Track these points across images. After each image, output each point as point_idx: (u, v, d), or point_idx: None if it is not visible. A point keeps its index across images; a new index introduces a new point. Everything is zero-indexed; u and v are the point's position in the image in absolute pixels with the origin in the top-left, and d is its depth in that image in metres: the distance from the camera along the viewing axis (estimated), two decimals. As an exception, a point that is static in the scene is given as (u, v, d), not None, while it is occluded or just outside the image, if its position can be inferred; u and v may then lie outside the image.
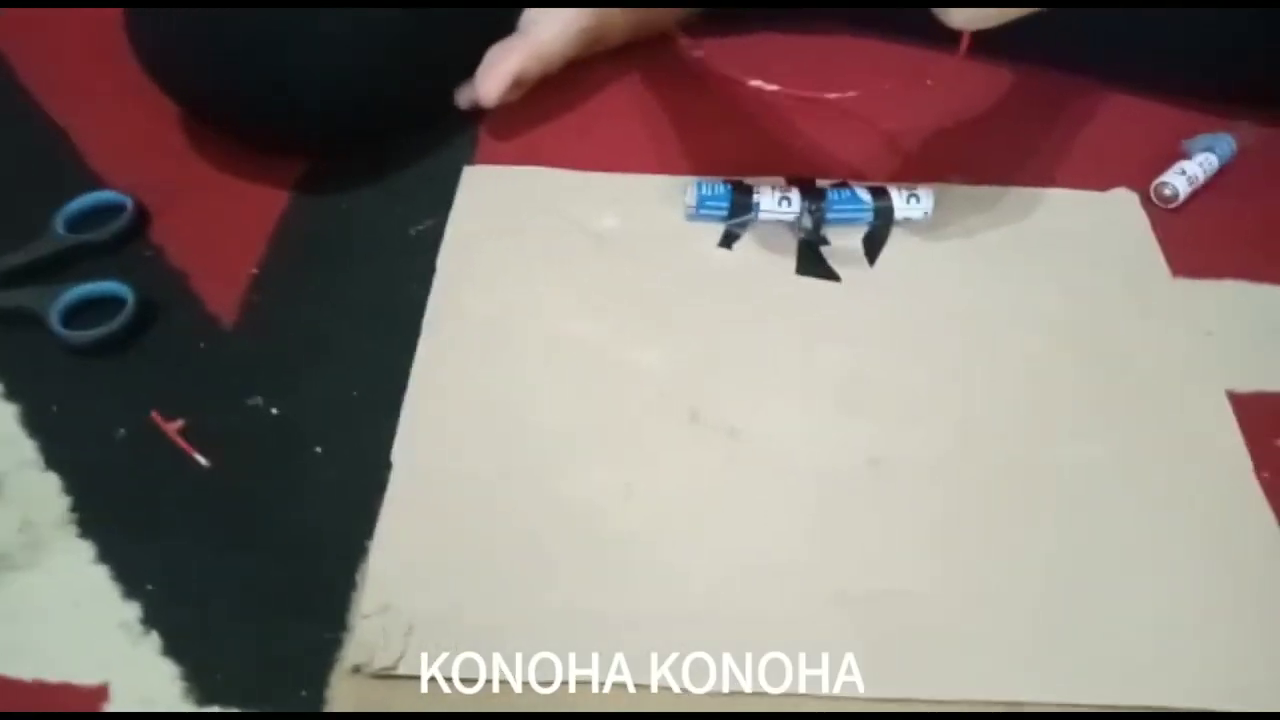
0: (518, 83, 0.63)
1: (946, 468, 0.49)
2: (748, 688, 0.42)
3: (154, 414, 0.50)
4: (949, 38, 0.49)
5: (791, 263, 0.58)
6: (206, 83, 0.57)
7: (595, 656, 0.42)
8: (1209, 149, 0.62)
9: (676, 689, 0.42)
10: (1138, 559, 0.46)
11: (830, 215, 0.59)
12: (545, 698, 0.41)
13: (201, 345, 0.53)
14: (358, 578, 0.44)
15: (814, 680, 0.42)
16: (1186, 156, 0.62)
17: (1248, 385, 0.52)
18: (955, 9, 0.47)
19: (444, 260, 0.57)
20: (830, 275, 0.57)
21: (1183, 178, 0.61)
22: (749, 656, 0.42)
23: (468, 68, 0.62)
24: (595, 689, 0.42)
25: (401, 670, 0.41)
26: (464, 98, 0.64)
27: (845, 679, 0.42)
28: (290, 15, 0.55)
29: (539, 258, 0.57)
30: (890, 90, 0.67)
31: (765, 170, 0.62)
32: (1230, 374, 0.53)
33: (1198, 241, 0.59)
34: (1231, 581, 0.45)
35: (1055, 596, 0.45)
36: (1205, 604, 0.45)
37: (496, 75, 0.62)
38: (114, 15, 0.60)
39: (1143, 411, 0.51)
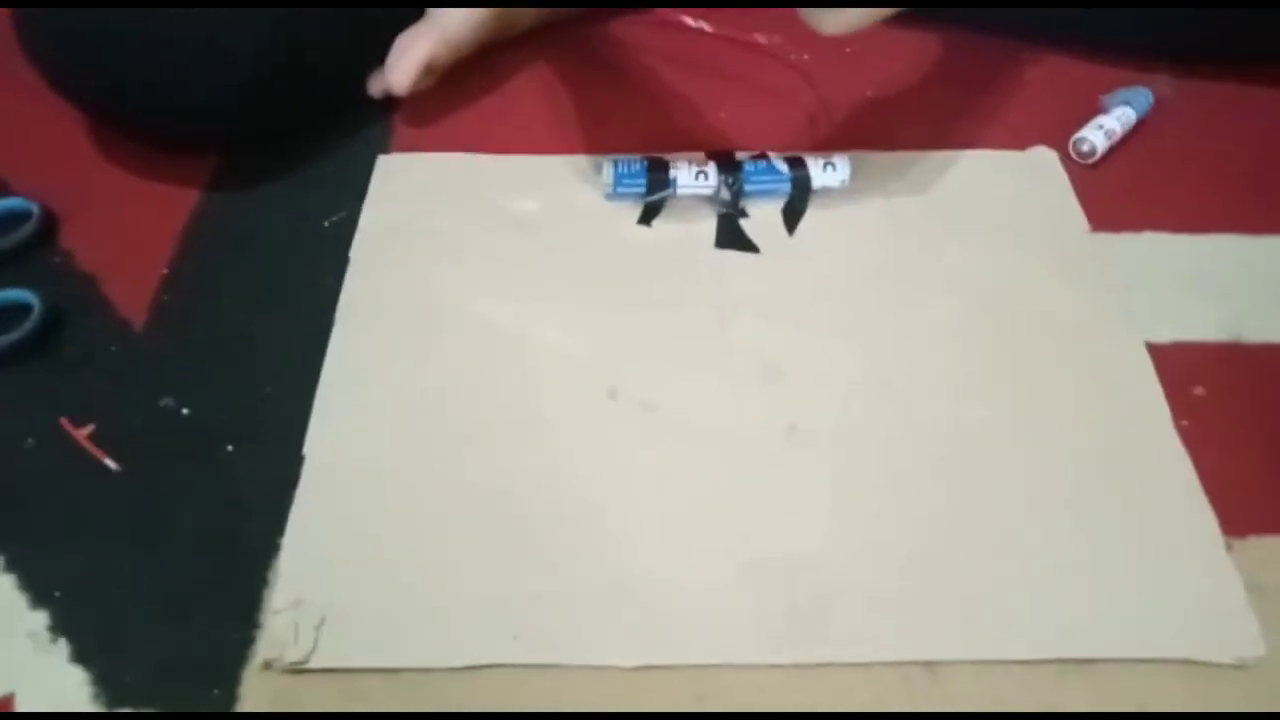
0: (430, 69, 0.62)
1: (864, 432, 0.49)
2: (669, 660, 0.42)
3: (63, 421, 0.49)
4: None
5: (711, 237, 0.57)
6: (96, 84, 0.56)
7: (513, 639, 0.42)
8: (1126, 103, 0.62)
9: (598, 665, 0.41)
10: (1057, 512, 0.46)
11: (748, 187, 0.58)
12: (464, 685, 0.41)
13: (112, 349, 0.52)
14: (270, 574, 0.44)
15: (732, 648, 0.42)
16: (1104, 111, 0.62)
17: (1166, 336, 0.53)
18: (825, 18, 0.47)
19: (357, 250, 0.56)
20: (749, 247, 0.57)
21: (1100, 133, 0.61)
22: (668, 629, 0.42)
23: (377, 56, 0.62)
24: (515, 672, 0.41)
25: (313, 664, 0.41)
26: (376, 87, 0.63)
27: (761, 646, 0.42)
28: (179, 13, 0.54)
29: (455, 244, 0.57)
30: (809, 59, 0.68)
31: (686, 146, 0.62)
32: (1149, 325, 0.53)
33: (1117, 196, 0.59)
34: (1151, 530, 0.45)
35: (977, 553, 0.45)
36: (1127, 556, 0.45)
37: (406, 63, 0.61)
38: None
39: (1062, 366, 0.51)
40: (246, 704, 0.40)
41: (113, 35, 0.54)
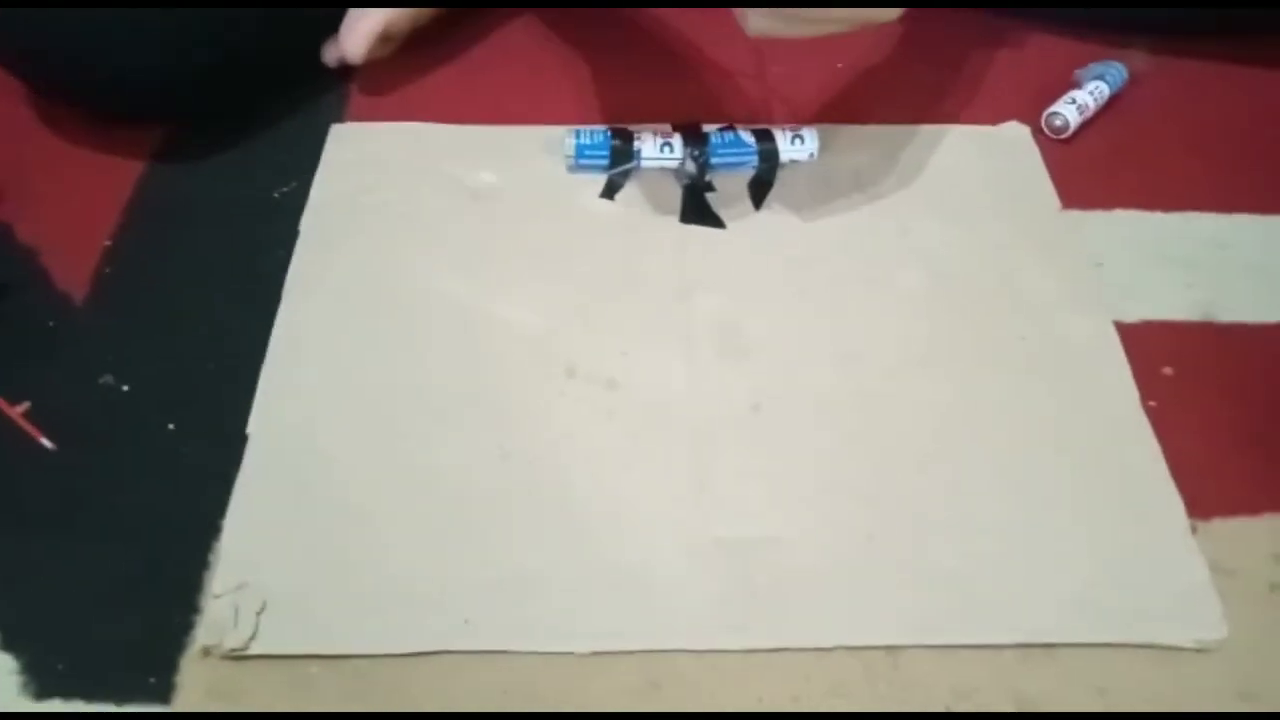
0: (386, 37, 0.60)
1: (829, 411, 0.47)
2: (624, 646, 0.40)
3: (-3, 397, 0.47)
4: None
5: (676, 210, 0.56)
6: (36, 58, 0.53)
7: (463, 625, 0.41)
8: (1099, 78, 0.61)
9: (551, 652, 0.40)
10: (1021, 494, 0.45)
11: (714, 160, 0.57)
12: (412, 673, 0.40)
13: (50, 323, 0.50)
14: (211, 557, 0.42)
15: (688, 633, 0.41)
16: (1077, 86, 0.61)
17: (1135, 315, 0.52)
18: (750, 17, 0.44)
19: (308, 223, 0.54)
20: (715, 222, 0.55)
21: (1073, 107, 0.60)
22: (623, 613, 0.41)
23: (332, 24, 0.59)
24: (464, 659, 0.40)
25: (254, 650, 0.39)
26: (330, 56, 0.61)
27: (718, 630, 0.41)
28: None
29: (410, 217, 0.55)
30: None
31: (653, 118, 0.60)
32: (1118, 304, 0.52)
33: (1089, 172, 0.58)
34: (1116, 512, 0.44)
35: (937, 536, 0.44)
36: (1090, 538, 0.44)
37: (361, 30, 0.59)
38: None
39: (1030, 344, 0.50)
40: (184, 692, 0.39)
41: (50, 7, 0.51)
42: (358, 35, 0.58)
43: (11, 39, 0.53)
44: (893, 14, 0.45)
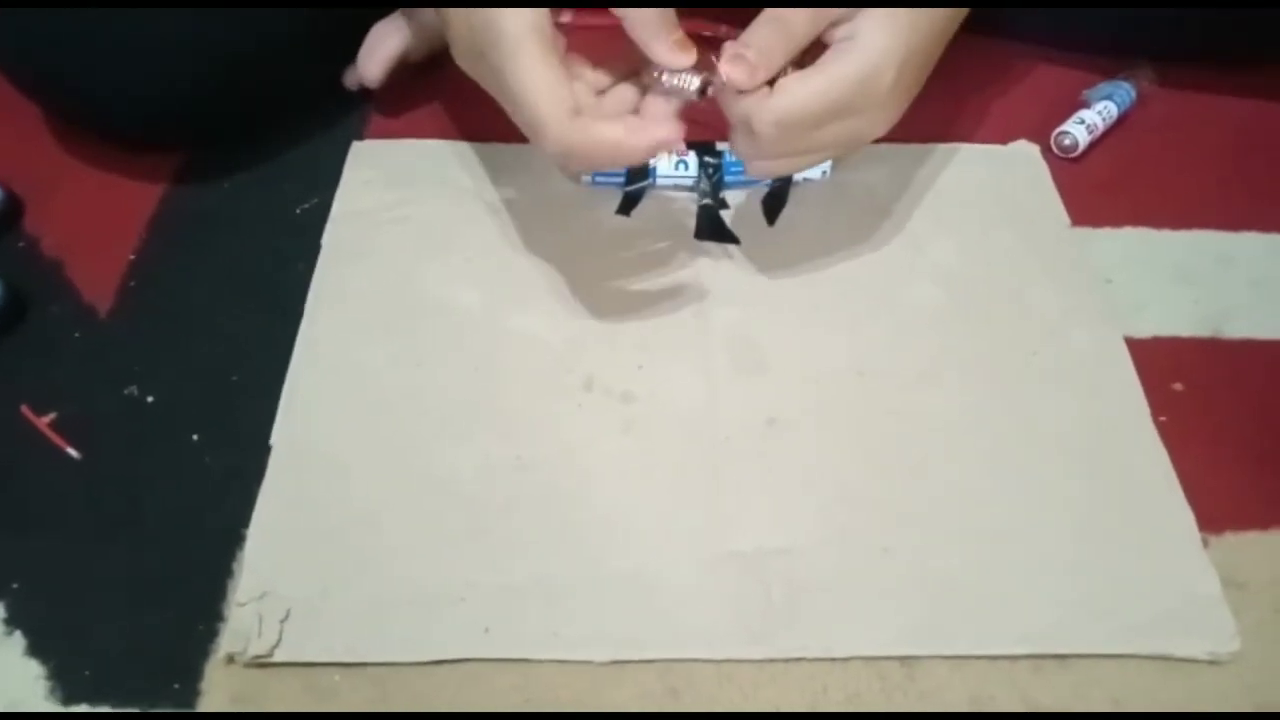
0: (404, 61, 0.61)
1: (843, 425, 0.48)
2: (643, 655, 0.41)
3: (24, 408, 0.48)
4: None
5: (691, 226, 0.57)
6: (54, 86, 0.54)
7: (484, 633, 0.41)
8: (1108, 97, 0.62)
9: (571, 660, 0.41)
10: (1034, 507, 0.45)
11: (728, 177, 0.58)
12: (433, 680, 0.40)
13: (76, 335, 0.51)
14: (235, 566, 0.43)
15: (706, 642, 0.41)
16: (1086, 106, 0.62)
17: (1146, 330, 0.52)
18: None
19: (329, 237, 0.55)
20: (729, 238, 0.56)
21: (1082, 127, 0.60)
22: (642, 622, 0.42)
23: (353, 46, 0.60)
24: (485, 666, 0.41)
25: (277, 658, 0.40)
26: (350, 79, 0.62)
27: (736, 640, 0.41)
28: (134, 11, 0.52)
29: (429, 231, 0.56)
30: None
31: (666, 135, 0.61)
32: (1128, 320, 0.53)
33: (1098, 190, 0.59)
34: (1129, 526, 0.45)
35: (952, 548, 0.44)
36: (1104, 551, 0.44)
37: (380, 56, 0.60)
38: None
39: (1041, 360, 0.51)
40: (209, 698, 0.39)
41: (68, 35, 0.52)
42: (376, 61, 0.60)
43: (24, 66, 0.54)
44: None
